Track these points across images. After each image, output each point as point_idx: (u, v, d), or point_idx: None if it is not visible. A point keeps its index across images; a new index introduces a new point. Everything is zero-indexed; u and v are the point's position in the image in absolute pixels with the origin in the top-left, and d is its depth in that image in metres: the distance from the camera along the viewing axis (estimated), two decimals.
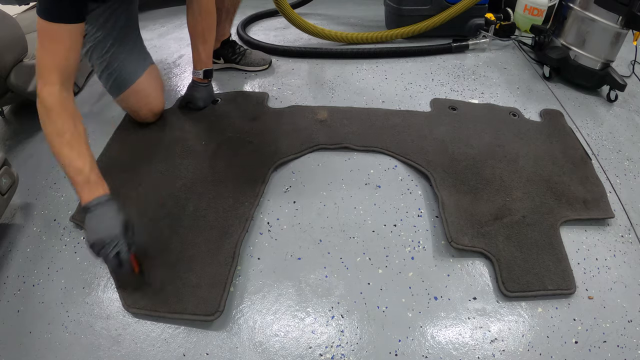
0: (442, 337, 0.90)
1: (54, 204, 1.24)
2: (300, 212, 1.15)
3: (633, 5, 1.32)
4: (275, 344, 0.90)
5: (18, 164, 1.41)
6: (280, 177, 1.24)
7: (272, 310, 0.95)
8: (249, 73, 1.73)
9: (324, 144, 1.30)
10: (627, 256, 1.04)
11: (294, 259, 1.04)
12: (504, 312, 0.93)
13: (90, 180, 0.92)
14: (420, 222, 1.11)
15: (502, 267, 0.98)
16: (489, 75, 1.66)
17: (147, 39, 2.20)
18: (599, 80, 1.54)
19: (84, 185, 0.91)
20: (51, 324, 0.96)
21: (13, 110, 1.74)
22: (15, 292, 1.03)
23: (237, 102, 1.51)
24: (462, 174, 1.18)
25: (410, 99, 1.52)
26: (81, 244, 1.12)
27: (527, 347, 0.88)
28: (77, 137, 0.93)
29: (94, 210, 0.90)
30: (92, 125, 1.54)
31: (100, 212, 0.90)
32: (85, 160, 0.92)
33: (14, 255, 1.11)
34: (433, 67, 1.70)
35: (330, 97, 1.54)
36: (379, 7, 2.00)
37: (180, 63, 1.90)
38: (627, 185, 1.22)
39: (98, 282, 1.03)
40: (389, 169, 1.25)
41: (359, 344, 0.89)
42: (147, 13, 2.62)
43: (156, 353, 0.89)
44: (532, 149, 1.28)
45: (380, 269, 1.02)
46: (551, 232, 1.06)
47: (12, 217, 1.23)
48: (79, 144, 0.93)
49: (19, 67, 1.43)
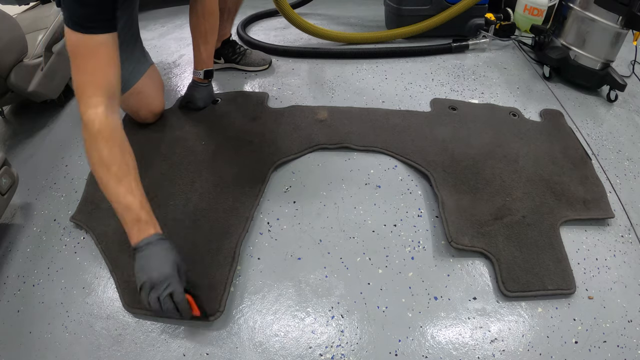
0: (442, 337, 0.90)
1: (54, 204, 1.24)
2: (300, 212, 1.15)
3: (633, 5, 1.32)
4: (275, 344, 0.90)
5: (18, 164, 1.41)
6: (280, 177, 1.24)
7: (272, 310, 0.95)
8: (249, 73, 1.73)
9: (324, 144, 1.30)
10: (627, 256, 1.04)
11: (294, 259, 1.04)
12: (504, 312, 0.93)
13: (140, 219, 0.83)
14: (420, 222, 1.11)
15: (502, 267, 0.98)
16: (489, 75, 1.66)
17: (148, 39, 2.21)
18: (599, 80, 1.54)
19: (133, 224, 0.83)
20: (51, 324, 0.96)
21: (13, 111, 1.74)
22: (15, 292, 1.03)
23: (237, 102, 1.51)
24: (462, 174, 1.19)
25: (410, 98, 1.52)
26: (81, 244, 1.12)
27: (527, 347, 0.88)
28: (125, 170, 0.84)
29: (143, 250, 0.82)
30: None
31: (150, 253, 0.82)
32: (135, 197, 0.84)
33: (14, 255, 1.11)
34: (433, 67, 1.70)
35: (330, 97, 1.54)
36: (379, 7, 2.00)
37: (180, 63, 1.90)
38: (627, 185, 1.22)
39: (98, 282, 1.03)
40: (389, 169, 1.25)
41: (359, 344, 0.89)
42: (147, 13, 2.62)
43: (156, 353, 0.89)
44: (532, 149, 1.28)
45: (380, 269, 1.02)
46: (551, 232, 1.06)
47: (12, 217, 1.23)
48: (127, 178, 0.84)
49: (19, 67, 1.43)
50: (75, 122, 1.57)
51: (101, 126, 0.85)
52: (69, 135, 1.51)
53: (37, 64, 1.51)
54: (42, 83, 1.51)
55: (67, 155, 1.41)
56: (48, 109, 1.66)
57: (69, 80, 1.70)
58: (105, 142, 0.84)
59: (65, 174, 1.34)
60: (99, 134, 0.85)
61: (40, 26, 1.62)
